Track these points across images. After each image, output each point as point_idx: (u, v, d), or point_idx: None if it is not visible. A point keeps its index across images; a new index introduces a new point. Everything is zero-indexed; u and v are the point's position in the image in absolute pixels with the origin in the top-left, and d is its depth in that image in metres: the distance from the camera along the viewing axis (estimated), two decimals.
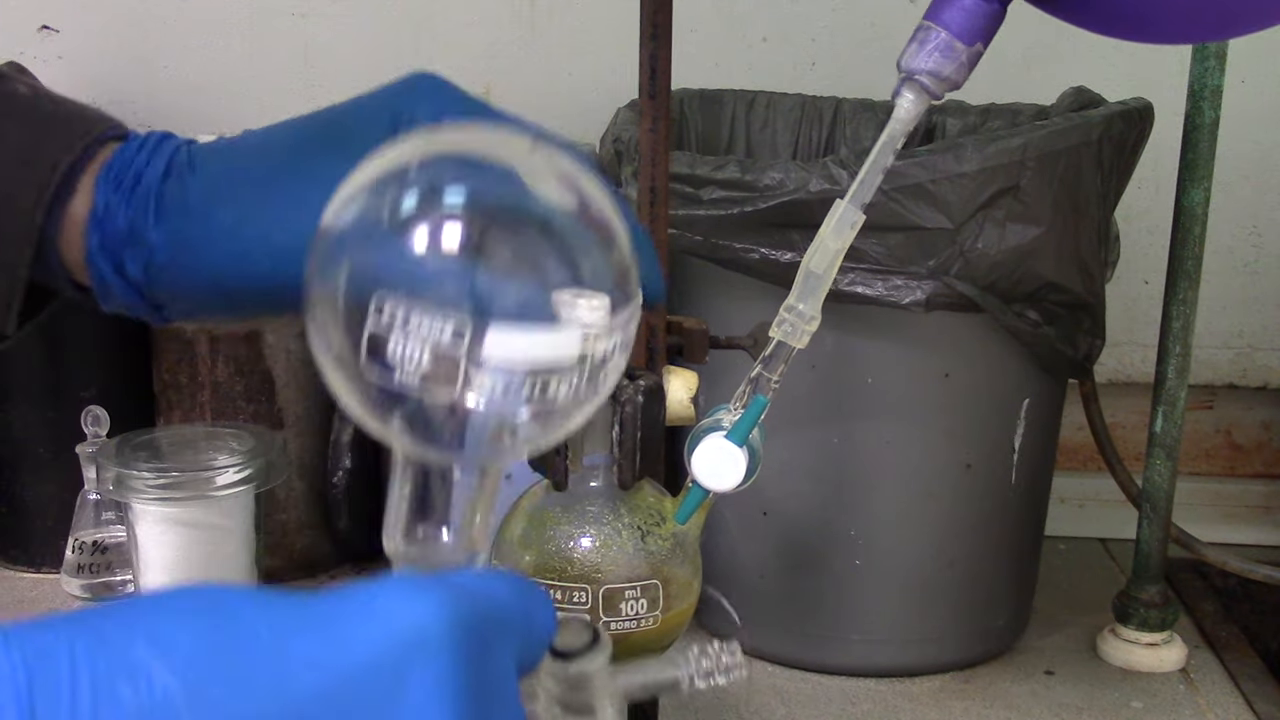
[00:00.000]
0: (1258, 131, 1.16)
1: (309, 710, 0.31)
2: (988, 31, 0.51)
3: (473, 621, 0.34)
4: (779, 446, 0.84)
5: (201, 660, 0.31)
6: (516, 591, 0.37)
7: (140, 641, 0.30)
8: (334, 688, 0.32)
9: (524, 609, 0.37)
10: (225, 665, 0.31)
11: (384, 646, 0.32)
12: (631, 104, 0.98)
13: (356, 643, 0.32)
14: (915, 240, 0.80)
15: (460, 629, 0.33)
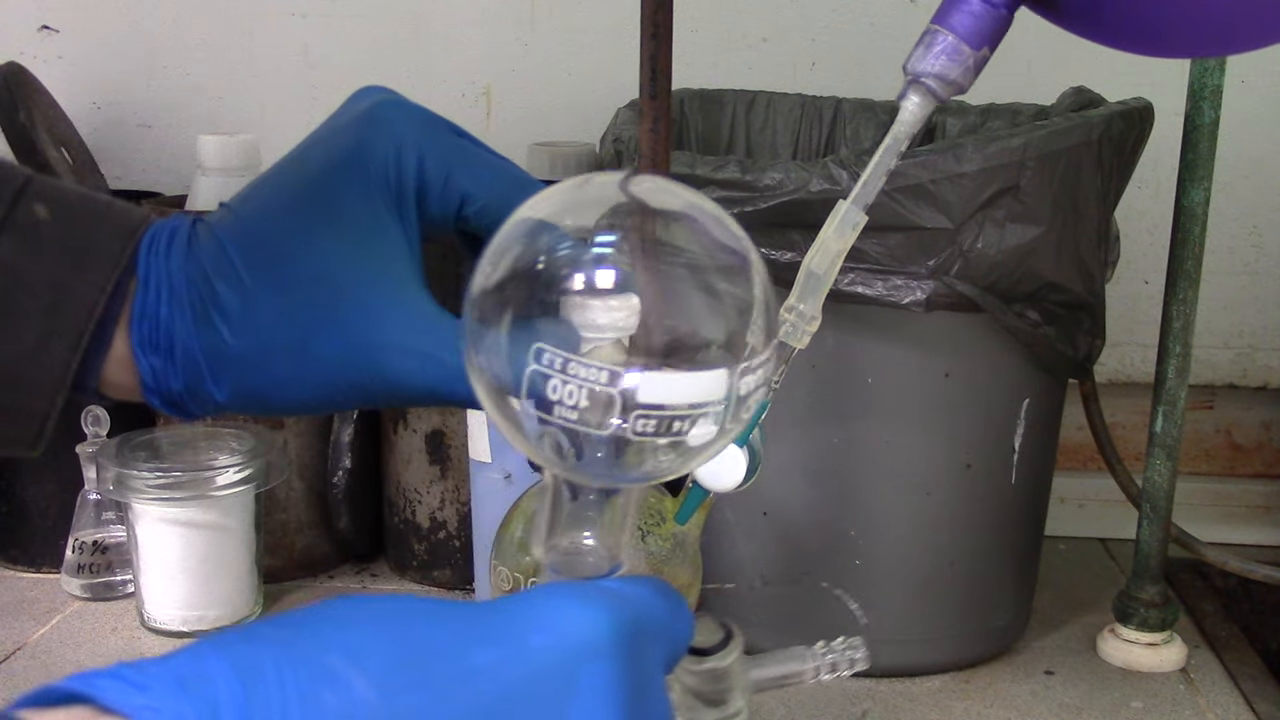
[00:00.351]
0: (1258, 131, 1.16)
1: (491, 715, 0.33)
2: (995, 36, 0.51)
3: (631, 627, 0.36)
4: (779, 447, 0.84)
5: (394, 671, 0.33)
6: (662, 596, 0.39)
7: (335, 653, 0.32)
8: (513, 693, 0.34)
9: (669, 612, 0.39)
10: (415, 675, 0.33)
11: (557, 653, 0.34)
12: (631, 104, 0.98)
13: (531, 651, 0.34)
14: (915, 240, 0.80)
15: (623, 634, 0.35)
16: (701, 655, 0.44)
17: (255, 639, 0.32)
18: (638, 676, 0.36)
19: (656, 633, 0.38)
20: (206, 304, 0.46)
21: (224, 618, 0.97)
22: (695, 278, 0.38)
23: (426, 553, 1.04)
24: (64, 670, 0.90)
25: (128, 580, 1.02)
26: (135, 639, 0.96)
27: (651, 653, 0.37)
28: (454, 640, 0.34)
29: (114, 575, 1.03)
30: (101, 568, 1.02)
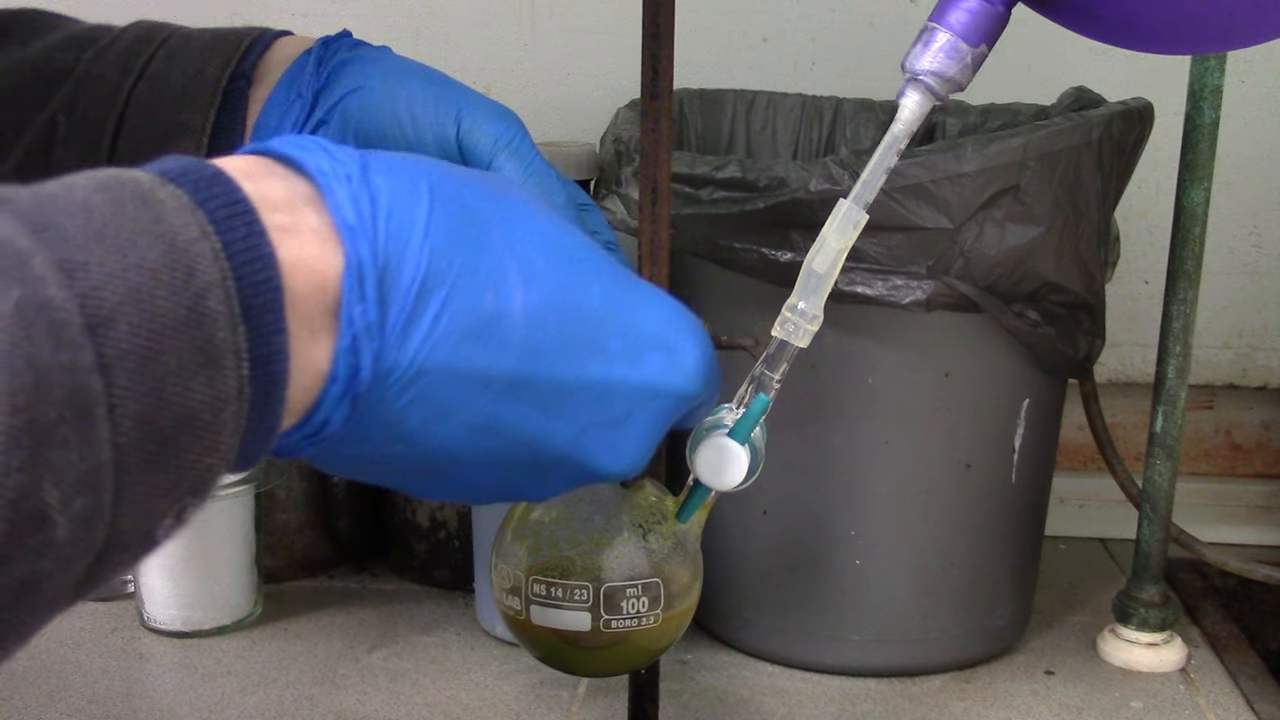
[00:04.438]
0: (1258, 131, 1.16)
1: (586, 272, 0.41)
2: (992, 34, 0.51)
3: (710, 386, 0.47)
4: (779, 446, 0.84)
5: (547, 302, 0.40)
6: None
7: (513, 255, 0.39)
8: (601, 273, 0.42)
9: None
10: (560, 316, 0.40)
11: (665, 377, 0.44)
12: (631, 104, 0.98)
13: (648, 365, 0.44)
14: (915, 240, 0.80)
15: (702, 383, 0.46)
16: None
17: (456, 190, 0.39)
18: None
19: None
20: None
21: (223, 618, 0.97)
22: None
23: (426, 553, 1.04)
24: (64, 671, 0.91)
25: (128, 580, 1.02)
26: (135, 639, 0.96)
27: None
28: (607, 303, 0.42)
29: None
30: None
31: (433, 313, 0.36)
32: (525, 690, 0.89)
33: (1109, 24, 0.51)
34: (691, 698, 0.89)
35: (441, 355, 0.36)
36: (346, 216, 0.35)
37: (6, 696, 0.87)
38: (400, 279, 0.35)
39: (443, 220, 0.37)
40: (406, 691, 0.89)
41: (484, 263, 0.37)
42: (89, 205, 0.29)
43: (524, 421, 0.39)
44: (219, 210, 0.32)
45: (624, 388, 0.41)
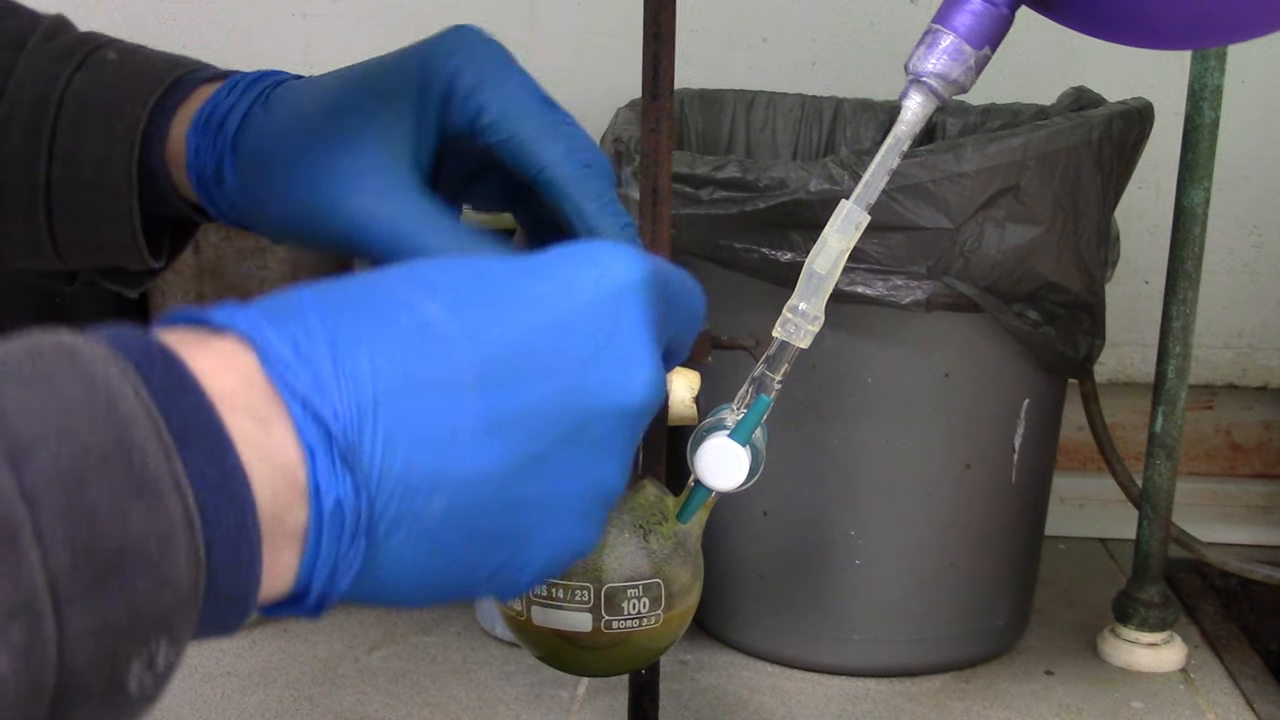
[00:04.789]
0: (1258, 131, 1.16)
1: (541, 328, 0.38)
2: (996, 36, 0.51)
3: (660, 276, 0.42)
4: (779, 447, 0.84)
5: (462, 295, 0.37)
6: (686, 276, 0.46)
7: (407, 285, 0.37)
8: (568, 319, 0.39)
9: (689, 286, 0.45)
10: (481, 297, 0.38)
11: (606, 285, 0.40)
12: (632, 104, 0.98)
13: (583, 283, 0.40)
14: (915, 240, 0.80)
15: (655, 276, 0.42)
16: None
17: (337, 284, 0.37)
18: (660, 308, 0.42)
19: (678, 295, 0.44)
20: (256, 106, 0.54)
21: None
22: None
23: None
24: None
25: None
26: None
27: (673, 309, 0.44)
28: (513, 274, 0.39)
29: None
30: None
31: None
32: (525, 690, 0.89)
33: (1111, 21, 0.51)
34: (691, 698, 0.89)
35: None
36: (275, 353, 0.34)
37: None
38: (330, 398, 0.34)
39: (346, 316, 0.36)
40: (406, 691, 0.89)
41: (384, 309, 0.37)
42: (6, 359, 0.30)
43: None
44: (137, 351, 0.32)
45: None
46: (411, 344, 0.35)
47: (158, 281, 1.04)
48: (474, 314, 0.37)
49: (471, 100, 0.49)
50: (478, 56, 0.50)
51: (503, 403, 0.37)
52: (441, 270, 0.38)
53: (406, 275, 0.38)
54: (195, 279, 1.01)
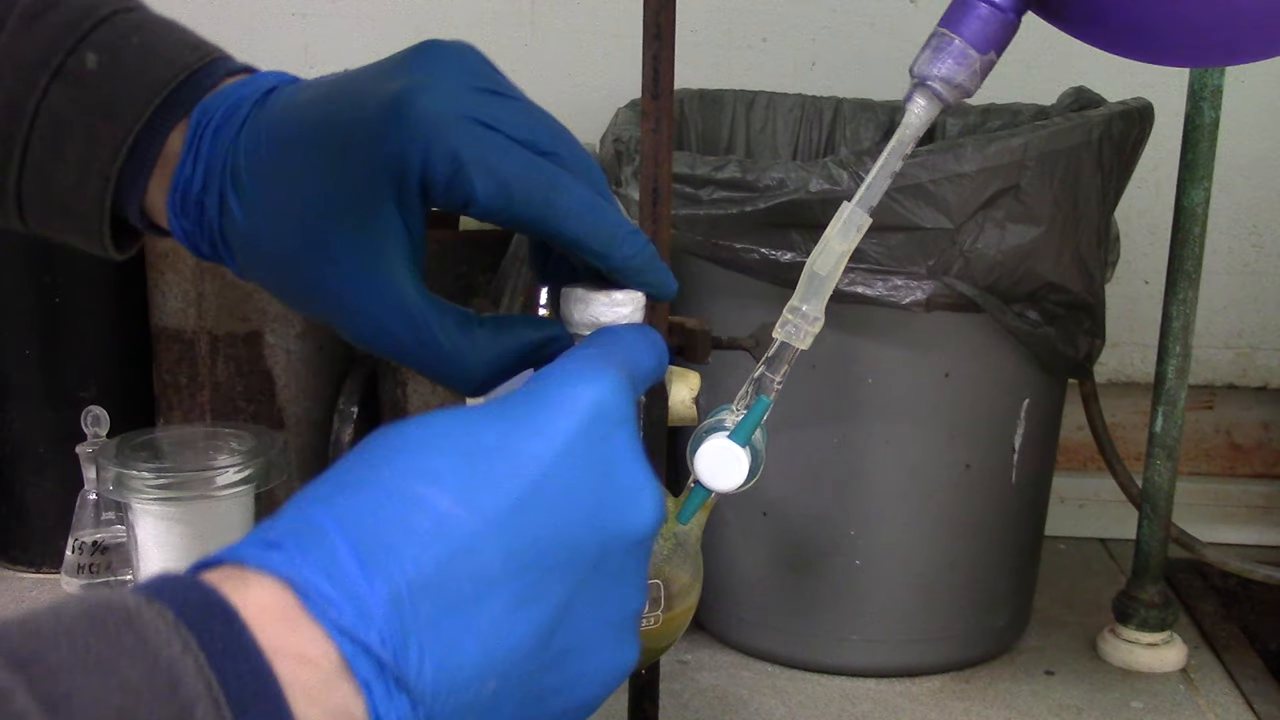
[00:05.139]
0: (1258, 131, 1.16)
1: (546, 487, 0.39)
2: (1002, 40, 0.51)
3: (632, 387, 0.44)
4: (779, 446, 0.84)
5: (465, 481, 0.38)
6: (645, 340, 0.47)
7: (413, 479, 0.38)
8: (567, 469, 0.40)
9: (651, 355, 0.47)
10: (483, 479, 0.38)
11: (595, 429, 0.41)
12: (631, 104, 0.98)
13: (573, 433, 0.41)
14: (915, 240, 0.80)
15: (633, 396, 0.43)
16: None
17: (346, 487, 0.38)
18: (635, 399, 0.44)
19: (643, 378, 0.46)
20: (227, 192, 0.50)
21: None
22: None
23: None
24: None
25: (128, 580, 1.02)
26: None
27: (639, 390, 0.46)
28: (504, 437, 0.40)
29: (114, 575, 1.03)
30: (101, 568, 1.02)
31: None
32: None
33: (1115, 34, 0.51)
34: (691, 698, 0.89)
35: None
36: (335, 617, 0.35)
37: None
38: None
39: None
40: None
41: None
42: (72, 633, 0.31)
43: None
44: (196, 611, 0.33)
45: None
46: (434, 548, 0.37)
47: (158, 282, 1.04)
48: (482, 496, 0.38)
49: (454, 190, 0.46)
50: (444, 129, 0.46)
51: (528, 573, 0.38)
52: (437, 452, 0.39)
53: (407, 467, 0.38)
54: (195, 279, 1.01)
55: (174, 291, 1.02)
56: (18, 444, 1.06)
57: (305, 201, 0.48)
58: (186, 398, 1.04)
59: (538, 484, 0.39)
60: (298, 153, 0.48)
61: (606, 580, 0.41)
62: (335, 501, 0.38)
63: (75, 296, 1.04)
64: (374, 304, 0.48)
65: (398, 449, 0.39)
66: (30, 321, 1.04)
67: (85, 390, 1.05)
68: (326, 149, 0.48)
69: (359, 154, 0.47)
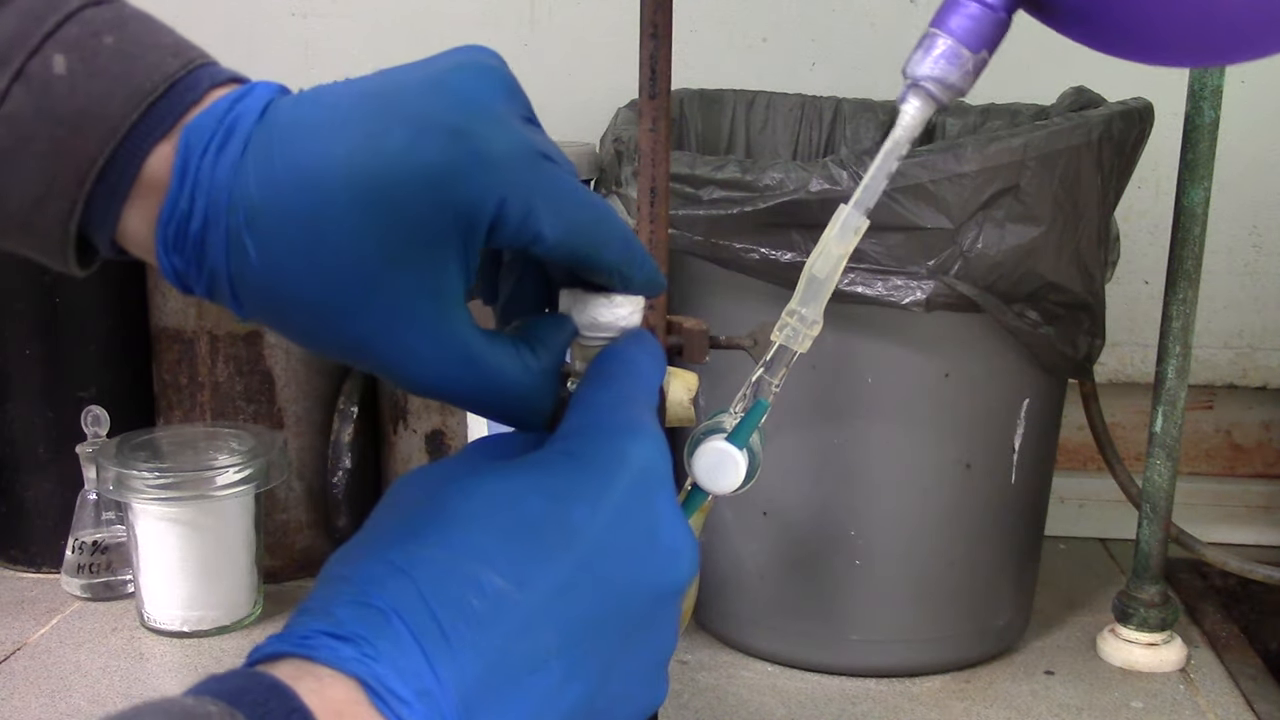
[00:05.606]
0: (1258, 131, 1.16)
1: (594, 558, 0.40)
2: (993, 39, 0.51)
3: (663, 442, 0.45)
4: (779, 447, 0.84)
5: (515, 557, 0.39)
6: (651, 357, 0.49)
7: (465, 558, 0.39)
8: (612, 534, 0.41)
9: (659, 376, 0.49)
10: (532, 552, 0.39)
11: (637, 491, 0.42)
12: (631, 104, 0.98)
13: (617, 498, 0.41)
14: (915, 240, 0.80)
15: (666, 447, 0.45)
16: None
17: (401, 568, 0.38)
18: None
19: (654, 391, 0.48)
20: (240, 233, 0.43)
21: (224, 618, 0.97)
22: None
23: None
24: (64, 671, 0.91)
25: (128, 580, 1.02)
26: (135, 639, 0.96)
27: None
28: (551, 505, 0.40)
29: (114, 575, 1.03)
30: (101, 568, 1.02)
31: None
32: None
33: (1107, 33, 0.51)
34: (691, 698, 0.89)
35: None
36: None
37: (6, 696, 0.87)
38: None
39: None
40: None
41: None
42: None
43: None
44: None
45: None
46: (493, 632, 0.38)
47: (158, 282, 1.04)
48: (533, 573, 0.39)
49: (525, 230, 0.43)
50: (519, 171, 0.43)
51: (578, 647, 0.39)
52: (486, 528, 0.40)
53: (458, 544, 0.39)
54: None
55: (174, 291, 1.02)
56: (18, 444, 1.06)
57: (349, 246, 0.42)
58: (186, 398, 1.04)
59: (587, 557, 0.40)
60: (334, 193, 0.42)
61: (645, 632, 0.42)
62: (389, 586, 0.38)
63: (75, 296, 1.04)
64: (434, 352, 0.44)
65: (446, 522, 0.40)
66: (30, 321, 1.04)
67: (85, 390, 1.05)
68: (375, 192, 0.42)
69: (424, 198, 0.42)
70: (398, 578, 0.38)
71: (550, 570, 0.39)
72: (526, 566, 0.39)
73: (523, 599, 0.38)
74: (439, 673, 0.36)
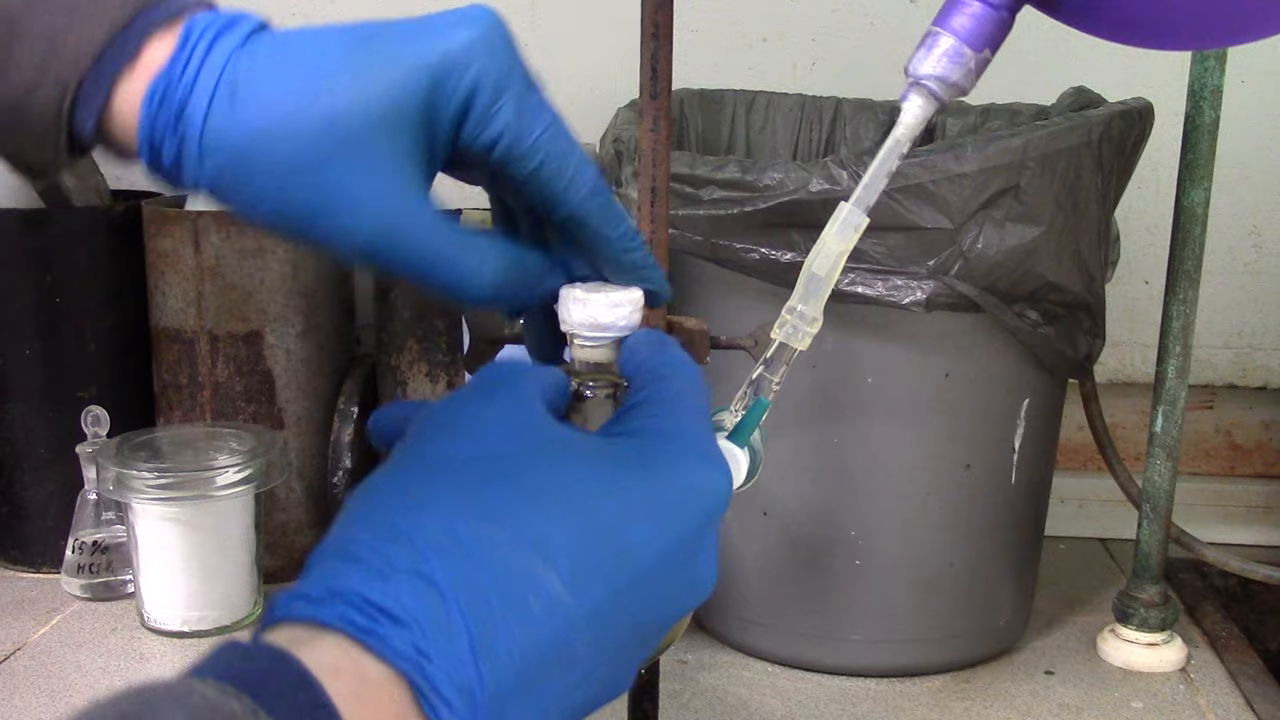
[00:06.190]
0: (1258, 131, 1.16)
1: (644, 581, 0.40)
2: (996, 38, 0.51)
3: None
4: (779, 446, 0.84)
5: (577, 565, 0.38)
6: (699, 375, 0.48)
7: (528, 550, 0.38)
8: (660, 561, 0.40)
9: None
10: (593, 563, 0.39)
11: (697, 521, 0.42)
12: (631, 104, 0.98)
13: (679, 525, 0.41)
14: (915, 240, 0.80)
15: (730, 481, 0.44)
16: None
17: (466, 547, 0.37)
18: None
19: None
20: (221, 96, 0.46)
21: (224, 618, 0.97)
22: None
23: None
24: (64, 671, 0.91)
25: (128, 580, 1.02)
26: (135, 639, 0.96)
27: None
28: (618, 517, 0.40)
29: (114, 575, 1.03)
30: (101, 568, 1.02)
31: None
32: None
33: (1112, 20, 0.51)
34: (691, 698, 0.89)
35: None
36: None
37: (6, 696, 0.87)
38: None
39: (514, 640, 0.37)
40: None
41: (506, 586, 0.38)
42: None
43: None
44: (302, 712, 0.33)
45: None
46: (540, 634, 0.37)
47: (158, 282, 1.04)
48: (590, 584, 0.39)
49: (490, 122, 0.47)
50: (496, 64, 0.48)
51: (604, 655, 0.39)
52: (556, 520, 0.39)
53: (524, 533, 0.38)
54: (195, 279, 1.01)
55: (174, 291, 1.02)
56: (18, 444, 1.06)
57: (329, 102, 0.45)
58: (186, 398, 1.04)
59: (639, 579, 0.40)
60: (325, 54, 0.46)
61: (653, 638, 0.43)
62: (453, 561, 0.37)
63: (75, 296, 1.04)
64: (392, 210, 0.46)
65: (517, 497, 0.39)
66: (30, 321, 1.04)
67: (85, 390, 1.05)
68: (361, 48, 0.46)
69: (408, 53, 0.46)
70: (462, 555, 0.37)
71: (605, 586, 0.39)
72: (584, 576, 0.38)
73: (575, 608, 0.38)
74: (482, 670, 0.36)
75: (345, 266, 1.08)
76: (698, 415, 0.45)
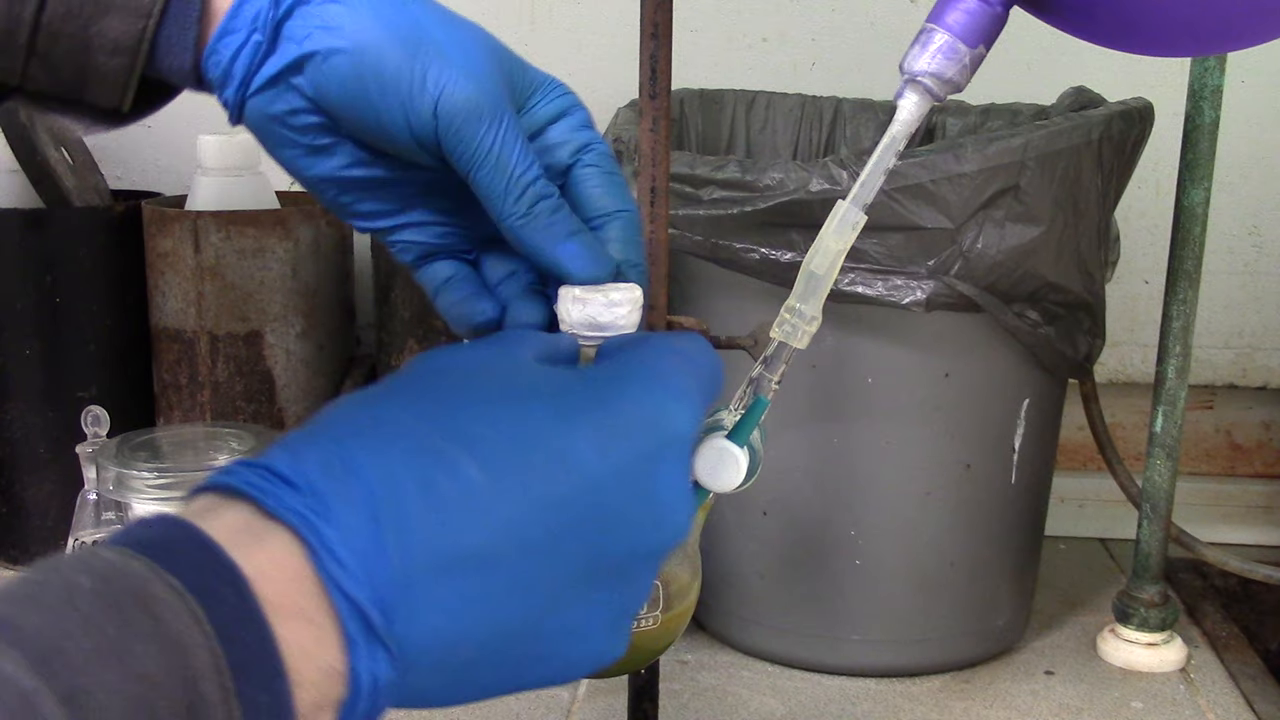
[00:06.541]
0: (1258, 131, 1.16)
1: (582, 500, 0.38)
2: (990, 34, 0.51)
3: (702, 407, 0.43)
4: (779, 446, 0.84)
5: (500, 455, 0.37)
6: (709, 353, 0.46)
7: (451, 441, 0.37)
8: (607, 478, 0.39)
9: (715, 368, 0.46)
10: (519, 459, 0.38)
11: (650, 443, 0.40)
12: (631, 104, 0.98)
13: (628, 442, 0.40)
14: (915, 240, 0.80)
15: (698, 418, 0.43)
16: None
17: (385, 427, 0.37)
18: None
19: (710, 395, 0.45)
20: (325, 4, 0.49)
21: None
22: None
23: None
24: None
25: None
26: None
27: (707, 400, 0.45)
28: (557, 423, 0.39)
29: None
30: None
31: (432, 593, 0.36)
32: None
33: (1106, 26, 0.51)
34: (691, 698, 0.89)
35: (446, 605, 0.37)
36: (344, 583, 0.35)
37: None
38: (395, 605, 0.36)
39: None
40: None
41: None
42: (91, 621, 0.31)
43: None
44: (210, 583, 0.33)
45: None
46: (451, 516, 0.36)
47: (158, 282, 1.04)
48: (513, 478, 0.37)
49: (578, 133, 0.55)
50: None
51: (534, 565, 0.38)
52: (486, 421, 0.38)
53: (449, 424, 0.38)
54: (195, 279, 1.01)
55: (174, 291, 1.02)
56: (18, 444, 1.06)
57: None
58: (186, 398, 1.04)
59: (580, 494, 0.38)
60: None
61: (613, 584, 0.40)
62: (366, 441, 0.37)
63: (75, 296, 1.04)
64: (474, 89, 0.51)
65: (448, 401, 0.39)
66: (30, 321, 1.04)
67: (85, 390, 1.05)
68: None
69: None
70: (377, 436, 0.37)
71: (533, 487, 0.37)
72: (507, 470, 0.37)
73: (493, 501, 0.37)
74: (384, 542, 0.35)
75: (345, 266, 1.08)
76: (667, 356, 0.44)
